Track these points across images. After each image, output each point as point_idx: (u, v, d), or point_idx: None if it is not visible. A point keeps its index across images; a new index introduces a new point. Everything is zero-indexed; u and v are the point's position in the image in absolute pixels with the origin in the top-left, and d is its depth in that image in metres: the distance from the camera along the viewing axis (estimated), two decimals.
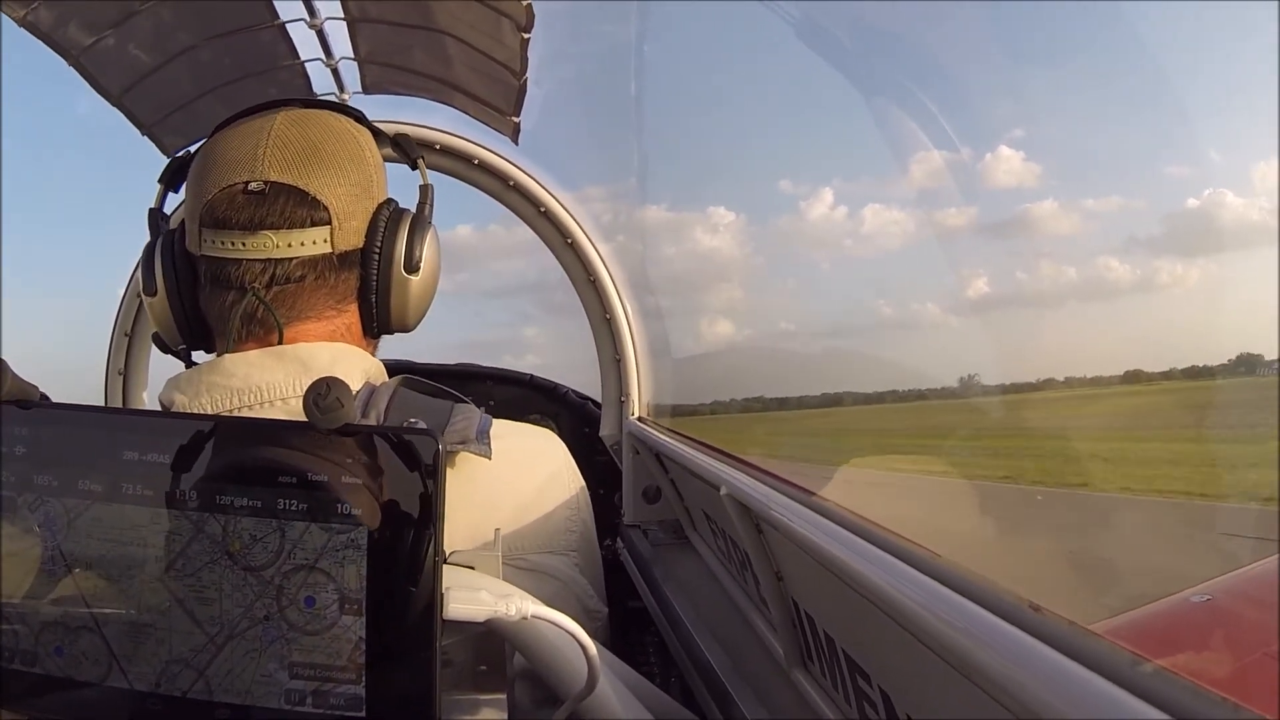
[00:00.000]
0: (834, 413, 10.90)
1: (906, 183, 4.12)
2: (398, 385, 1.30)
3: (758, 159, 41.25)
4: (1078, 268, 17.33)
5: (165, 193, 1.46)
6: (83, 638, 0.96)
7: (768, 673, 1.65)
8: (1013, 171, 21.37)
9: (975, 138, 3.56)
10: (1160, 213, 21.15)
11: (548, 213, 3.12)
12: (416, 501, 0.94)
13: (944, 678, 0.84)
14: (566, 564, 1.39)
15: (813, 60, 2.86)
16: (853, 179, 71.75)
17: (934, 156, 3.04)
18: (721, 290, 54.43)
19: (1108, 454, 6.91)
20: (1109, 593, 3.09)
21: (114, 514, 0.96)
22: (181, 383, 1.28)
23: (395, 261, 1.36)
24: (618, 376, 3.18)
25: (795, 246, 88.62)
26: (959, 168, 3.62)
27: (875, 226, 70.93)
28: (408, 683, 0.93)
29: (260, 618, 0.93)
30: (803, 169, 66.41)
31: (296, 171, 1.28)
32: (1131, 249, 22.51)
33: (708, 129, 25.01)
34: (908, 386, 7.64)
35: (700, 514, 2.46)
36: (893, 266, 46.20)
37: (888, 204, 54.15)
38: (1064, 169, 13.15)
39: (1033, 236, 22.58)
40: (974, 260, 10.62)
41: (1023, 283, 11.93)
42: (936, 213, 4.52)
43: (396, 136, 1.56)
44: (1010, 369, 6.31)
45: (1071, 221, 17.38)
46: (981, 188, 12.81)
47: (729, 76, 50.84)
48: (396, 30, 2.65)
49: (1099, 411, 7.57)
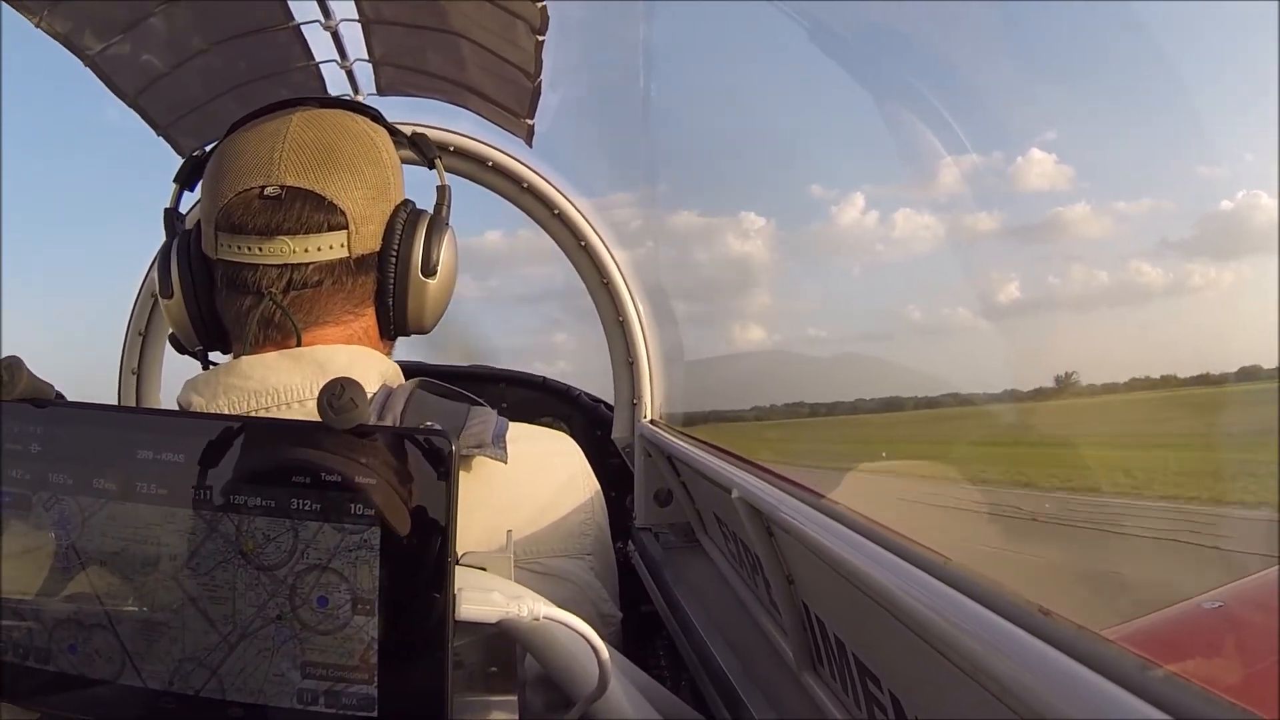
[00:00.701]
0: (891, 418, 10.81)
1: (937, 187, 4.10)
2: (414, 388, 1.30)
3: (789, 163, 41.20)
4: (1109, 271, 17.28)
5: (180, 192, 1.45)
6: (96, 635, 0.97)
7: (778, 676, 1.65)
8: (1045, 174, 21.35)
9: (1007, 141, 3.55)
10: (1193, 215, 21.01)
11: (561, 215, 3.13)
12: (430, 502, 0.94)
13: (954, 682, 0.84)
14: (582, 568, 1.39)
15: (834, 64, 2.86)
16: (882, 184, 71.26)
17: (966, 160, 3.02)
18: (752, 295, 54.12)
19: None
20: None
21: (128, 513, 0.96)
22: (199, 384, 1.28)
23: (413, 265, 1.35)
24: (630, 379, 3.18)
25: (825, 252, 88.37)
26: (990, 171, 3.60)
27: (906, 231, 70.54)
28: (420, 683, 0.94)
29: (273, 617, 0.94)
30: (834, 174, 66.04)
31: (313, 175, 1.27)
32: (1163, 251, 22.40)
33: (728, 132, 25.13)
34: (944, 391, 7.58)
35: (711, 517, 2.46)
36: (925, 270, 45.11)
37: (919, 208, 53.86)
38: (1096, 171, 13.09)
39: (1064, 239, 22.51)
40: (1005, 264, 10.56)
41: (1054, 287, 11.87)
42: (967, 217, 4.50)
43: (414, 136, 1.55)
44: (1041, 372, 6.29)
45: (1103, 225, 17.33)
46: (1013, 191, 12.78)
47: (749, 79, 50.69)
48: (411, 32, 2.65)
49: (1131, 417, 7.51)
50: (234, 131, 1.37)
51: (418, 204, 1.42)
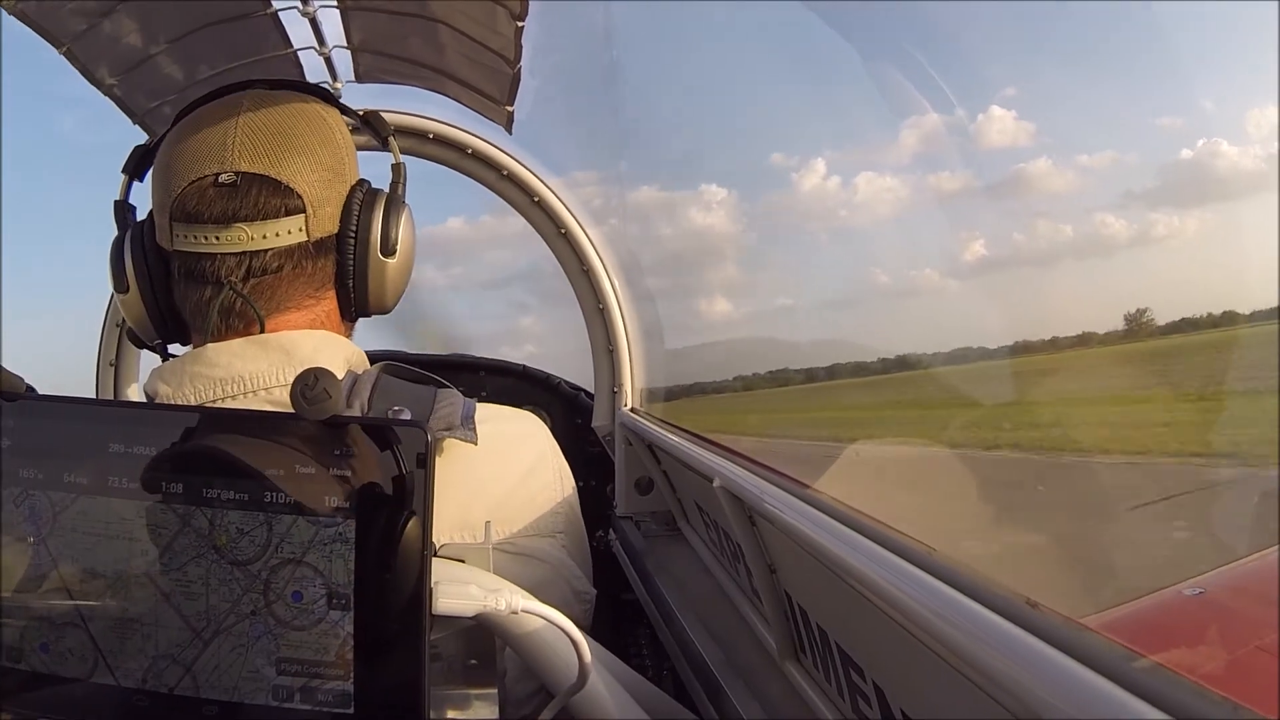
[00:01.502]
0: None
1: (899, 148, 4.13)
2: (379, 372, 1.29)
3: (749, 133, 41.06)
4: (1074, 225, 17.35)
5: (130, 183, 1.43)
6: (68, 634, 0.95)
7: (760, 666, 1.65)
8: (1006, 131, 21.34)
9: (967, 99, 3.55)
10: (1155, 165, 21.09)
11: (541, 202, 3.11)
12: (405, 493, 0.93)
13: (938, 672, 0.83)
14: (554, 546, 1.38)
15: (797, 26, 2.86)
16: (842, 148, 70.83)
17: (927, 120, 3.04)
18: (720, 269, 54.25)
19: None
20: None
21: (100, 508, 0.95)
22: (165, 373, 1.26)
23: (372, 245, 1.34)
24: (610, 366, 3.17)
25: (791, 219, 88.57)
26: (953, 130, 3.61)
27: (869, 195, 70.24)
28: (397, 678, 0.93)
29: (247, 613, 0.92)
30: (794, 141, 65.85)
31: (267, 160, 1.26)
32: (1128, 203, 22.50)
33: (697, 105, 24.79)
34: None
35: (693, 506, 2.45)
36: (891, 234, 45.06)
37: (880, 171, 53.55)
38: (1057, 126, 13.16)
39: (1028, 196, 22.52)
40: (971, 223, 10.61)
41: (1020, 243, 11.92)
42: (930, 177, 4.54)
43: (366, 114, 1.54)
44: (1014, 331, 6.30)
45: (1066, 179, 17.39)
46: (975, 150, 12.81)
47: (715, 50, 50.59)
48: (390, 18, 2.63)
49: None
50: (183, 118, 1.35)
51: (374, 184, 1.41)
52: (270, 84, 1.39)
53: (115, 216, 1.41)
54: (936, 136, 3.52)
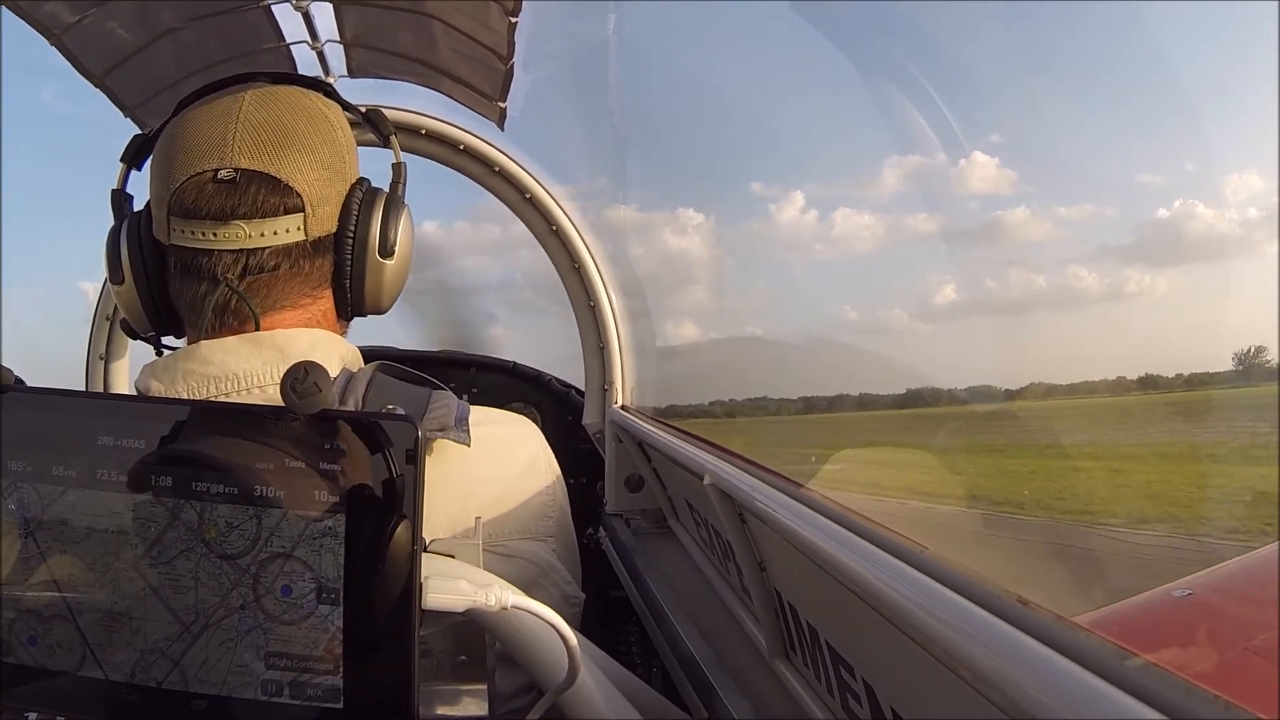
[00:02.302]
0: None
1: (879, 187, 4.15)
2: (375, 371, 1.28)
3: (733, 159, 40.95)
4: (1047, 276, 17.34)
5: (128, 172, 1.42)
6: (56, 627, 0.95)
7: (750, 664, 1.65)
8: (988, 178, 21.26)
9: (951, 144, 3.56)
10: (1132, 222, 20.93)
11: (533, 199, 3.11)
12: (395, 489, 0.93)
13: (929, 670, 0.83)
14: (545, 550, 1.38)
15: (796, 53, 2.86)
16: (826, 181, 70.25)
17: (909, 161, 3.07)
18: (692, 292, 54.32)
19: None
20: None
21: (89, 500, 0.94)
22: (158, 369, 1.26)
23: (370, 246, 1.33)
24: (601, 364, 3.18)
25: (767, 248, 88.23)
26: (933, 173, 3.61)
27: (846, 230, 69.36)
28: (386, 673, 0.92)
29: (236, 607, 0.92)
30: (776, 171, 65.17)
31: (268, 157, 1.25)
32: (1103, 257, 22.49)
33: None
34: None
35: (683, 503, 2.45)
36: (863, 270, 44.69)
37: (858, 208, 52.94)
38: (1039, 175, 13.17)
39: (1004, 243, 22.48)
40: (945, 266, 10.63)
41: (992, 291, 11.96)
42: (908, 218, 4.57)
43: (368, 112, 1.52)
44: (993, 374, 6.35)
45: (1043, 229, 17.32)
46: (955, 194, 12.74)
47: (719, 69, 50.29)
48: (383, 13, 2.63)
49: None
50: (183, 110, 1.34)
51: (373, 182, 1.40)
52: (273, 78, 1.38)
53: (112, 206, 1.40)
54: (918, 177, 3.54)
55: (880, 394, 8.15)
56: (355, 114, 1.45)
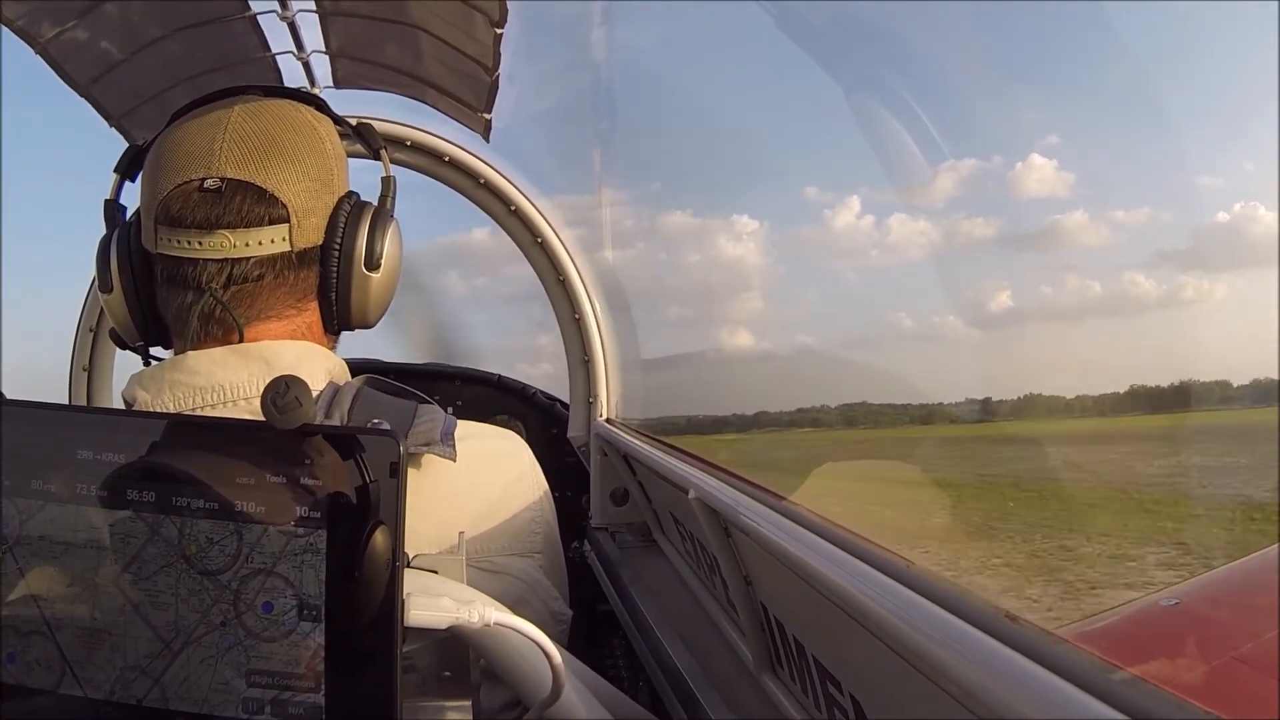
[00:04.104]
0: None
1: (935, 192, 4.16)
2: (361, 385, 1.28)
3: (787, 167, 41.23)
4: (1103, 282, 17.52)
5: (121, 183, 1.42)
6: (35, 644, 0.94)
7: (737, 678, 1.64)
8: (1045, 181, 21.27)
9: (1008, 145, 3.57)
10: (1189, 226, 21.13)
11: (518, 211, 3.10)
12: (377, 504, 0.92)
13: (916, 686, 0.83)
14: (531, 566, 1.37)
15: (834, 66, 2.85)
16: (878, 187, 70.86)
17: (965, 165, 3.07)
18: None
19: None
20: None
21: (68, 515, 0.94)
22: (144, 379, 1.25)
23: (356, 259, 1.33)
24: (586, 377, 3.17)
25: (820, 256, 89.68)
26: (989, 177, 3.63)
27: (901, 236, 70.25)
28: (368, 691, 0.92)
29: (217, 623, 0.91)
30: (831, 176, 66.42)
31: (254, 167, 1.25)
32: (1160, 263, 22.60)
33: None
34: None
35: (669, 517, 2.45)
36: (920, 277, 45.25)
37: (914, 214, 53.32)
38: (1096, 178, 13.16)
39: (1060, 249, 22.41)
40: (1000, 272, 10.71)
41: (1047, 297, 11.96)
42: (964, 223, 4.58)
43: (359, 125, 1.52)
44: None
45: (1100, 234, 17.38)
46: (1011, 197, 12.80)
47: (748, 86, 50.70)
48: (369, 24, 2.62)
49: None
50: (175, 121, 1.34)
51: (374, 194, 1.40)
52: (265, 91, 1.38)
53: (105, 215, 1.40)
54: (974, 180, 3.55)
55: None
56: (346, 127, 1.45)
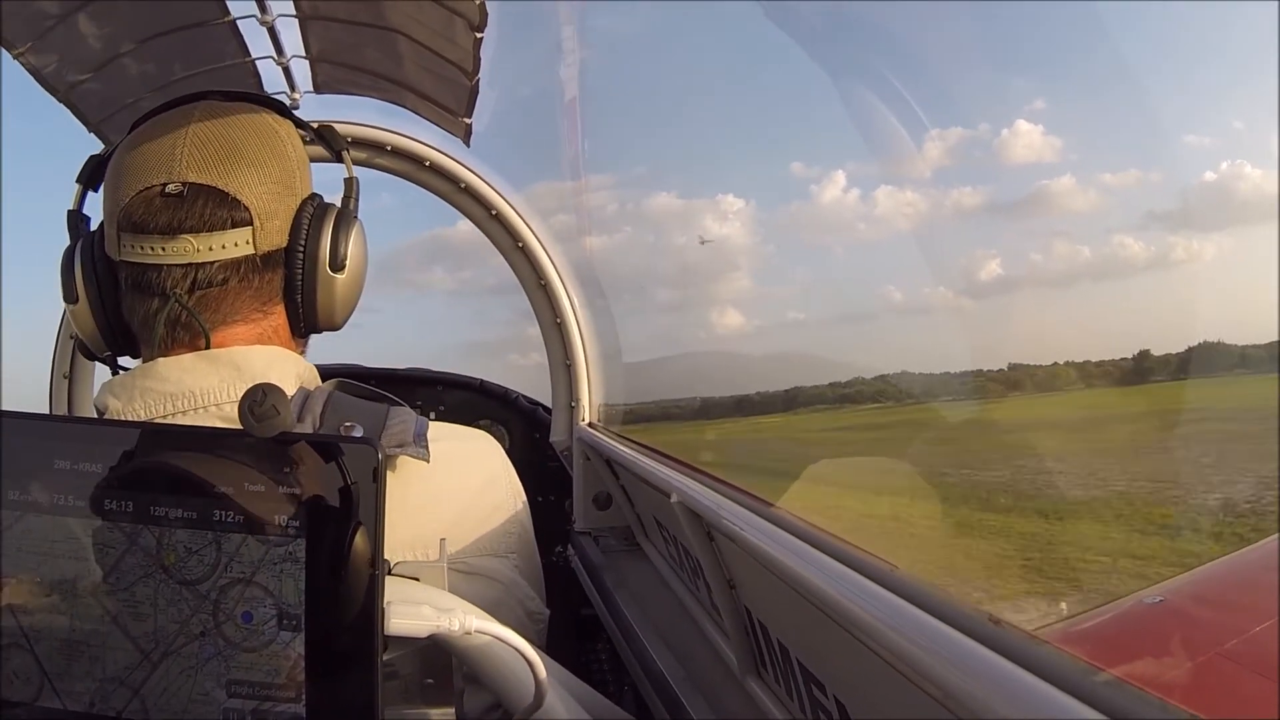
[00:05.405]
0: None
1: (922, 163, 4.13)
2: (332, 389, 1.28)
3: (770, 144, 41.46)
4: (1092, 246, 17.47)
5: (85, 192, 1.41)
6: (13, 656, 0.93)
7: (721, 681, 1.64)
8: (1031, 147, 21.25)
9: (993, 112, 3.57)
10: (1178, 185, 20.97)
11: (499, 215, 3.10)
12: (356, 512, 0.91)
13: (900, 688, 0.83)
14: (507, 566, 1.37)
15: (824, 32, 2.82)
16: (864, 161, 70.56)
17: (951, 134, 3.06)
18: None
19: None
20: None
21: (46, 526, 0.93)
22: (115, 387, 1.24)
23: (320, 260, 1.33)
24: (568, 381, 3.17)
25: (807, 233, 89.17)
26: (976, 145, 3.62)
27: (888, 209, 69.98)
28: (349, 700, 0.91)
29: (196, 634, 0.90)
30: (815, 150, 66.11)
31: (215, 171, 1.24)
32: (1149, 224, 22.52)
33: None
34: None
35: (652, 521, 2.45)
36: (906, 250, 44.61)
37: (901, 185, 53.55)
38: (1083, 142, 13.16)
39: (1048, 214, 22.40)
40: (989, 242, 10.75)
41: (1036, 264, 11.97)
42: (952, 192, 4.57)
43: (320, 128, 1.51)
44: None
45: (1089, 198, 17.34)
46: (999, 165, 12.81)
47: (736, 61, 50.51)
48: (349, 29, 2.61)
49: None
50: (136, 129, 1.33)
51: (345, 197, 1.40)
52: (225, 95, 1.37)
53: (68, 226, 1.39)
54: (961, 149, 3.56)
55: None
56: (307, 130, 1.44)
